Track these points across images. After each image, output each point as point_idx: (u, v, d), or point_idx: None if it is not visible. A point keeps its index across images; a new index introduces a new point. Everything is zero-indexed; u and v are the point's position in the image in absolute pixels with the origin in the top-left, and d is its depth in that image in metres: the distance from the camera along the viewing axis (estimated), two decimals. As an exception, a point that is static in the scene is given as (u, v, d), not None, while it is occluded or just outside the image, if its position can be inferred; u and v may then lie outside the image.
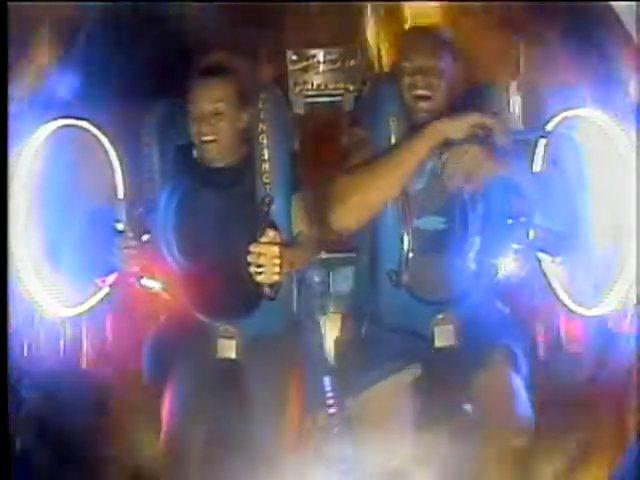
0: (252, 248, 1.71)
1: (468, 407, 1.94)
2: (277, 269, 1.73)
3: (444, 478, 1.86)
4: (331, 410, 2.17)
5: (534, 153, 1.98)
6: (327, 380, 2.25)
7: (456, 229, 1.97)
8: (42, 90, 1.87)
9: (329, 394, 2.23)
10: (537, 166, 1.99)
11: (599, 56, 1.71)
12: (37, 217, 1.91)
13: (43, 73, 1.84)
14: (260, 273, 1.73)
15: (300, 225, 2.01)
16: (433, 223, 1.96)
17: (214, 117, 1.92)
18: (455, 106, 1.91)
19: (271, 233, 1.73)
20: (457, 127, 1.74)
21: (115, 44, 1.99)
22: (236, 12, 2.19)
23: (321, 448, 2.02)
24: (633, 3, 1.47)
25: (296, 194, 2.01)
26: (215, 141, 1.93)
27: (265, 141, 1.96)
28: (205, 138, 1.93)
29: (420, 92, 1.89)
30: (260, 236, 1.73)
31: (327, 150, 2.05)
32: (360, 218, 1.89)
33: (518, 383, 1.92)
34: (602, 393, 1.90)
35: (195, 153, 2.02)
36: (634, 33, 1.48)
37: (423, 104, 1.90)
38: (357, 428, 1.97)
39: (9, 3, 1.53)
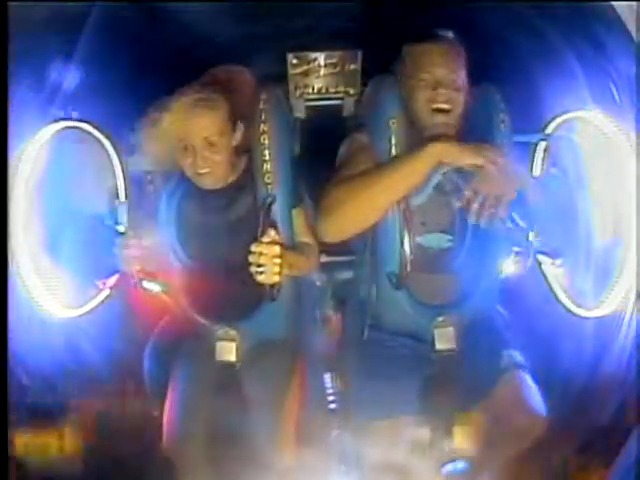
0: (253, 248, 1.71)
1: (473, 408, 1.94)
2: (278, 269, 1.72)
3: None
4: (331, 411, 2.17)
5: (534, 156, 1.99)
6: (327, 380, 2.25)
7: (458, 242, 1.98)
8: (43, 91, 1.87)
9: (330, 396, 2.23)
10: (537, 169, 2.00)
11: (599, 56, 1.71)
12: (38, 219, 1.91)
13: (44, 74, 1.84)
14: (261, 273, 1.72)
15: (301, 236, 2.01)
16: (437, 240, 1.96)
17: (207, 149, 1.87)
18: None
19: (272, 233, 1.73)
20: (454, 155, 1.72)
21: (116, 45, 1.99)
22: (237, 13, 2.19)
23: (321, 449, 2.02)
24: (633, 3, 1.47)
25: (297, 207, 2.01)
26: (210, 173, 1.90)
27: (266, 142, 1.96)
28: (200, 171, 1.89)
29: (441, 105, 1.88)
30: (261, 236, 1.73)
31: (328, 153, 2.04)
32: (346, 231, 1.87)
33: (527, 379, 1.91)
34: (601, 394, 1.90)
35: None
36: (634, 33, 1.48)
37: (442, 117, 1.89)
38: (358, 430, 1.96)
39: (9, 3, 1.53)
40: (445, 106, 1.88)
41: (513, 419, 1.84)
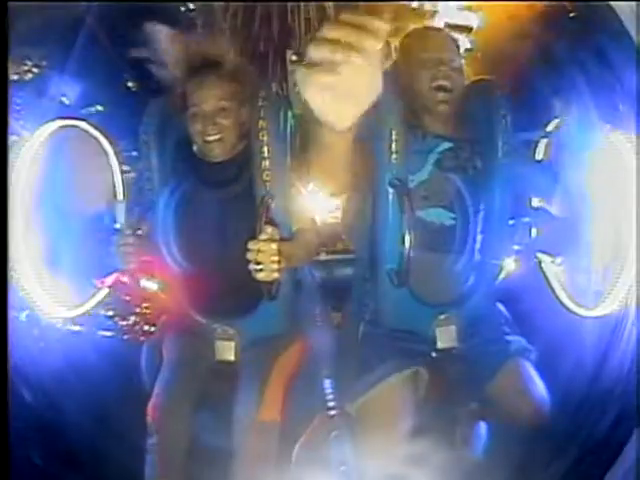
0: (251, 245, 1.70)
1: (474, 407, 1.93)
2: (276, 266, 1.71)
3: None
4: (331, 412, 2.16)
5: (534, 154, 1.98)
6: (327, 382, 2.24)
7: (457, 225, 1.97)
8: (41, 91, 1.86)
9: (329, 396, 2.22)
10: (536, 167, 1.99)
11: (599, 57, 1.71)
12: (36, 218, 1.91)
13: (43, 74, 1.84)
14: (259, 271, 1.71)
15: (300, 222, 2.00)
16: (435, 215, 1.95)
17: (219, 115, 1.89)
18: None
19: (270, 230, 1.72)
20: None
21: (114, 44, 1.98)
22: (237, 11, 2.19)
23: (320, 450, 2.01)
24: (633, 3, 1.47)
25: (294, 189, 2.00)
26: (220, 140, 1.91)
27: (265, 138, 1.95)
28: (210, 138, 1.90)
29: (443, 82, 1.89)
30: (259, 233, 1.72)
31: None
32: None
33: (530, 368, 1.92)
34: (602, 394, 1.90)
35: (195, 149, 2.00)
36: (634, 33, 1.47)
37: (443, 95, 1.90)
38: (357, 430, 1.96)
39: (9, 3, 1.52)
40: (446, 83, 1.89)
41: (514, 407, 1.84)
